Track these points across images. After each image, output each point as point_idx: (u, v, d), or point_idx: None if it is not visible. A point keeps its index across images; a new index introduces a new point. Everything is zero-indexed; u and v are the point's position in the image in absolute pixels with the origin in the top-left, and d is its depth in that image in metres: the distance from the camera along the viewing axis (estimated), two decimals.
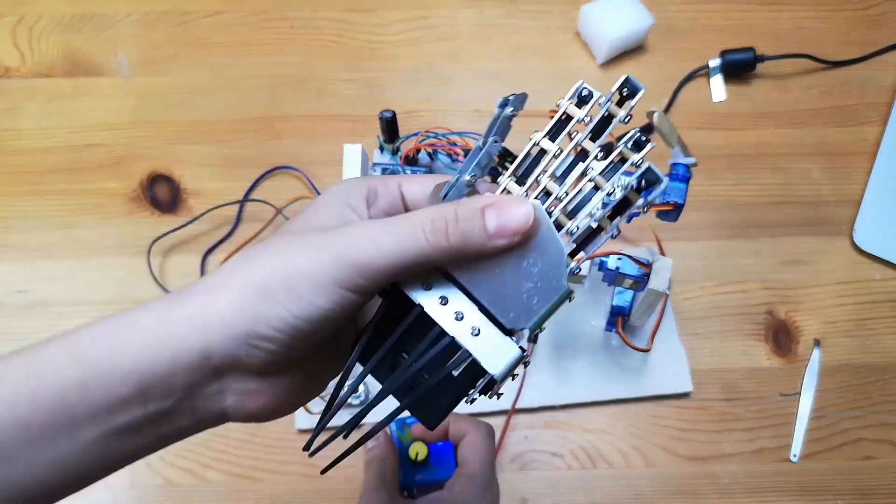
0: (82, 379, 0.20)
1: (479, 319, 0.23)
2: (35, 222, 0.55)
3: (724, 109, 0.61)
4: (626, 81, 0.22)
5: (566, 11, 0.64)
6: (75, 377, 0.20)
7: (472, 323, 0.23)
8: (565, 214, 0.23)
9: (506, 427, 0.49)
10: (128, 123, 0.59)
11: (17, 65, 0.61)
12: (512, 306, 0.23)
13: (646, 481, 0.48)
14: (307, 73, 0.61)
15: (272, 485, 0.48)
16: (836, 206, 0.57)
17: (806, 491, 0.49)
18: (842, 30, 0.64)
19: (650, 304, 0.44)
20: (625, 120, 0.23)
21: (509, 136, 0.26)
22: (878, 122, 0.60)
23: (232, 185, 0.56)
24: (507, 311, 0.23)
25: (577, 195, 0.23)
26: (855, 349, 0.52)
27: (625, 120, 0.23)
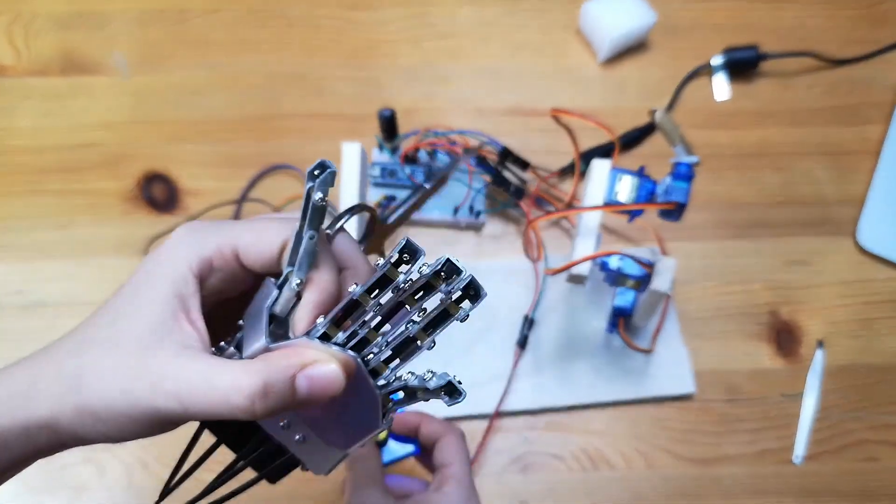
0: None
1: (305, 430, 0.25)
2: (31, 222, 0.55)
3: (726, 108, 0.60)
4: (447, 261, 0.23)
5: (567, 9, 0.63)
6: None
7: (298, 431, 0.25)
8: (383, 361, 0.24)
9: (487, 431, 0.48)
10: (124, 122, 0.58)
11: (12, 63, 0.60)
12: (330, 430, 0.25)
13: (647, 483, 0.48)
14: (305, 71, 0.60)
15: (269, 486, 0.47)
16: (839, 205, 0.57)
17: (809, 493, 0.48)
18: (846, 28, 0.63)
19: (652, 305, 0.44)
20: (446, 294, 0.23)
21: (507, 136, 0.26)
22: (881, 120, 0.60)
23: (229, 185, 0.56)
24: (326, 432, 0.25)
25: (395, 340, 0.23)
26: (858, 350, 0.52)
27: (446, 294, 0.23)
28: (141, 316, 0.22)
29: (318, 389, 0.22)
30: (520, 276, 0.53)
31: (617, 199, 0.43)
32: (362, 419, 0.25)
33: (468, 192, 0.54)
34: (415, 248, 0.23)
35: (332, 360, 0.22)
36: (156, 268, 0.23)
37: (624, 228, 0.55)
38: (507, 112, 0.59)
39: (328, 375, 0.22)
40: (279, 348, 0.23)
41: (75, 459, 0.48)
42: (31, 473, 0.48)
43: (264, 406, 0.21)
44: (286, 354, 0.22)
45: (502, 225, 0.56)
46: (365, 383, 0.24)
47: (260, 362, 0.22)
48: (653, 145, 0.58)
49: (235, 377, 0.21)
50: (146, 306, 0.23)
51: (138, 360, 0.22)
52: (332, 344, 0.23)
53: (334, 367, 0.22)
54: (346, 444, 0.26)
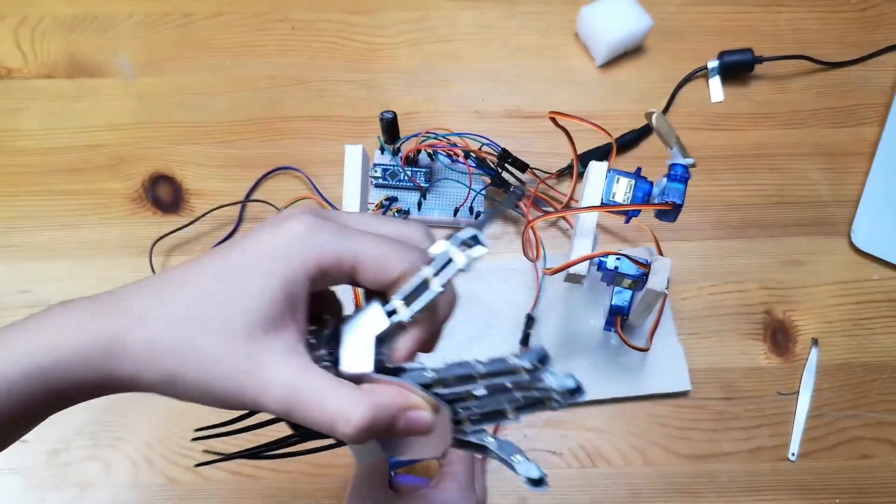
0: None
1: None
2: (37, 223, 0.55)
3: (722, 110, 0.61)
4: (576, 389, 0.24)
5: (565, 13, 0.64)
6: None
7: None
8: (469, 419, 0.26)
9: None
10: (130, 124, 0.59)
11: (19, 66, 0.61)
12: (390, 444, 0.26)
13: (644, 480, 0.49)
14: (308, 74, 0.61)
15: (272, 483, 0.48)
16: (834, 206, 0.57)
17: (804, 489, 0.49)
18: (840, 31, 0.64)
19: (649, 304, 0.45)
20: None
21: (507, 138, 0.27)
22: (875, 122, 0.60)
23: (233, 186, 0.56)
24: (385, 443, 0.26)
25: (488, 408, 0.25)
26: (853, 349, 0.53)
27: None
28: (252, 308, 0.22)
29: (410, 429, 0.24)
30: (519, 276, 0.53)
31: (614, 199, 0.43)
32: (425, 447, 0.26)
33: (468, 193, 0.54)
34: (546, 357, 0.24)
35: (429, 409, 0.24)
36: (271, 260, 0.23)
37: (621, 229, 0.56)
38: (506, 114, 0.60)
39: (422, 422, 0.24)
40: (384, 381, 0.24)
41: (81, 456, 0.48)
42: (36, 470, 0.49)
43: (365, 438, 0.22)
44: (393, 394, 0.24)
45: (502, 225, 0.56)
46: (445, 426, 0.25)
47: (369, 395, 0.23)
48: (649, 147, 0.59)
49: (346, 405, 0.22)
50: (257, 299, 0.22)
51: (249, 353, 0.22)
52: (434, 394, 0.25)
53: (430, 418, 0.24)
54: (397, 455, 0.27)
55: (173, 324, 0.22)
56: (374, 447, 0.27)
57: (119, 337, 0.22)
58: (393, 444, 0.26)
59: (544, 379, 0.24)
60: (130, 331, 0.22)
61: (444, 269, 0.24)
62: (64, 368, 0.22)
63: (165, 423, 0.49)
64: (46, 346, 0.22)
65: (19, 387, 0.22)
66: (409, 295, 0.24)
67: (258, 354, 0.22)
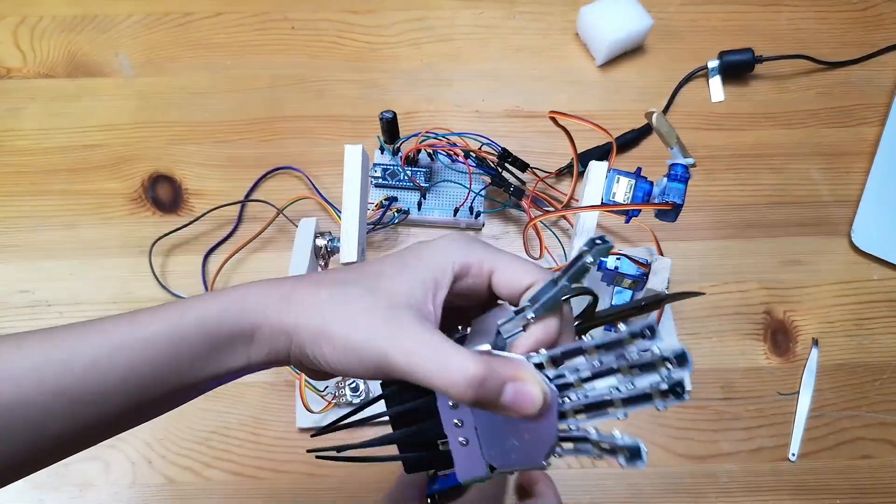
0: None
1: (473, 436, 0.27)
2: (37, 222, 0.55)
3: (722, 110, 0.61)
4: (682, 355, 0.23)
5: (565, 13, 0.64)
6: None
7: (466, 435, 0.27)
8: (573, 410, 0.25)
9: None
10: (129, 124, 0.59)
11: (18, 65, 0.61)
12: (495, 446, 0.27)
13: (645, 480, 0.49)
14: (308, 73, 0.61)
15: (273, 483, 0.48)
16: (834, 206, 0.57)
17: (804, 490, 0.49)
18: (840, 31, 0.64)
19: None
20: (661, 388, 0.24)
21: (507, 137, 0.27)
22: (876, 122, 0.60)
23: (233, 186, 0.56)
24: (489, 446, 0.27)
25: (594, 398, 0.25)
26: (853, 349, 0.53)
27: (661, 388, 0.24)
28: (402, 282, 0.26)
29: (518, 403, 0.25)
30: None
31: (614, 199, 0.43)
32: (529, 450, 0.26)
33: (468, 193, 0.54)
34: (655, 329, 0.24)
35: (538, 385, 0.25)
36: (428, 254, 0.27)
37: (621, 229, 0.56)
38: (506, 114, 0.60)
39: (530, 396, 0.25)
40: (500, 356, 0.25)
41: (80, 456, 0.48)
42: None
43: (474, 395, 0.24)
44: (506, 363, 0.25)
45: (502, 225, 0.56)
46: (550, 420, 0.25)
47: (485, 358, 0.24)
48: (649, 147, 0.59)
49: (465, 360, 0.24)
50: (409, 278, 0.26)
51: (389, 314, 0.25)
52: (543, 375, 0.25)
53: (538, 392, 0.25)
54: (500, 463, 0.27)
55: (330, 284, 0.27)
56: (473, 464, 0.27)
57: (292, 293, 0.27)
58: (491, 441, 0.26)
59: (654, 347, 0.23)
60: (299, 289, 0.27)
61: (571, 269, 0.26)
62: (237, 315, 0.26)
63: (165, 424, 0.49)
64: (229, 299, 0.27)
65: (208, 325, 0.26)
66: (537, 295, 0.26)
67: (397, 317, 0.25)
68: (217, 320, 0.26)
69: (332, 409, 0.49)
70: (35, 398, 0.25)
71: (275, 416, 0.49)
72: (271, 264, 0.54)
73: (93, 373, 0.25)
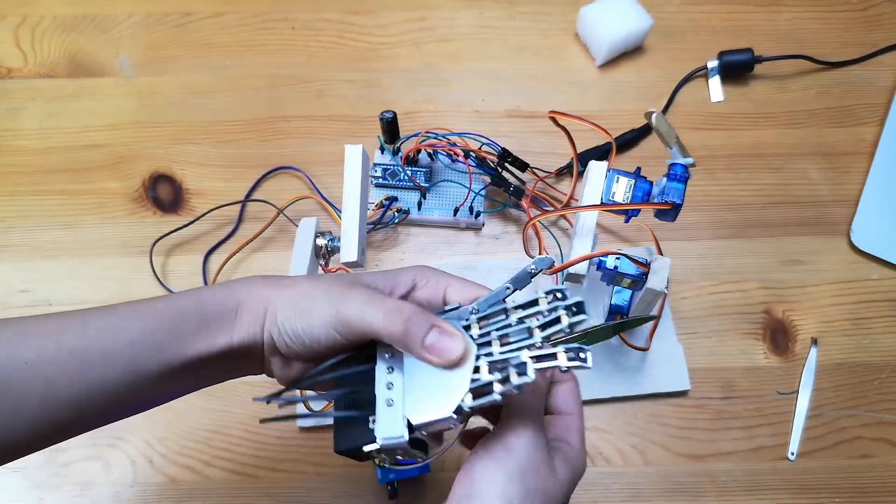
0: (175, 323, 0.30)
1: (399, 397, 0.29)
2: (37, 222, 0.56)
3: (722, 110, 0.61)
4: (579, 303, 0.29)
5: (565, 13, 0.64)
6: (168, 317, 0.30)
7: (393, 396, 0.29)
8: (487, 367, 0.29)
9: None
10: (129, 124, 0.59)
11: (19, 65, 0.61)
12: (413, 401, 0.29)
13: (644, 479, 0.49)
14: (308, 73, 0.61)
15: (272, 482, 0.48)
16: (833, 205, 0.57)
17: (803, 489, 0.49)
18: (839, 31, 0.64)
19: (648, 304, 0.45)
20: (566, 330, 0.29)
21: (506, 137, 0.27)
22: (875, 122, 0.60)
23: (233, 185, 0.57)
24: (410, 402, 0.29)
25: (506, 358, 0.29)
26: (852, 348, 0.53)
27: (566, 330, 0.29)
28: (366, 275, 0.33)
29: (439, 348, 0.28)
30: None
31: (614, 199, 0.44)
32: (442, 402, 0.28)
33: (468, 193, 0.54)
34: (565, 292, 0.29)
35: (459, 335, 0.29)
36: (394, 270, 0.33)
37: (620, 228, 0.56)
38: (506, 114, 0.60)
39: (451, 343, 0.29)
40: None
41: (81, 455, 0.48)
42: (37, 469, 0.49)
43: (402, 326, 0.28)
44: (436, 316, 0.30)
45: (501, 225, 0.56)
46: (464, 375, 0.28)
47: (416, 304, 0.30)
48: (649, 147, 0.59)
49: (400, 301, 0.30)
50: (373, 276, 0.33)
51: (349, 285, 0.31)
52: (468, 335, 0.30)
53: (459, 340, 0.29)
54: (417, 419, 0.28)
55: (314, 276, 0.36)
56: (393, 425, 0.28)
57: (275, 277, 0.32)
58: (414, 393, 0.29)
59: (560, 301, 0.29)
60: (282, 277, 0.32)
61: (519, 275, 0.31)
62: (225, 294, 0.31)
63: (166, 423, 0.49)
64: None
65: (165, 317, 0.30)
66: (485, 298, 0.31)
67: (354, 286, 0.31)
68: (210, 298, 0.31)
69: (332, 409, 0.49)
70: (53, 356, 0.28)
71: (275, 415, 0.49)
72: (272, 264, 0.54)
73: (105, 334, 0.29)
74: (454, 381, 0.28)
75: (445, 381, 0.28)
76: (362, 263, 0.44)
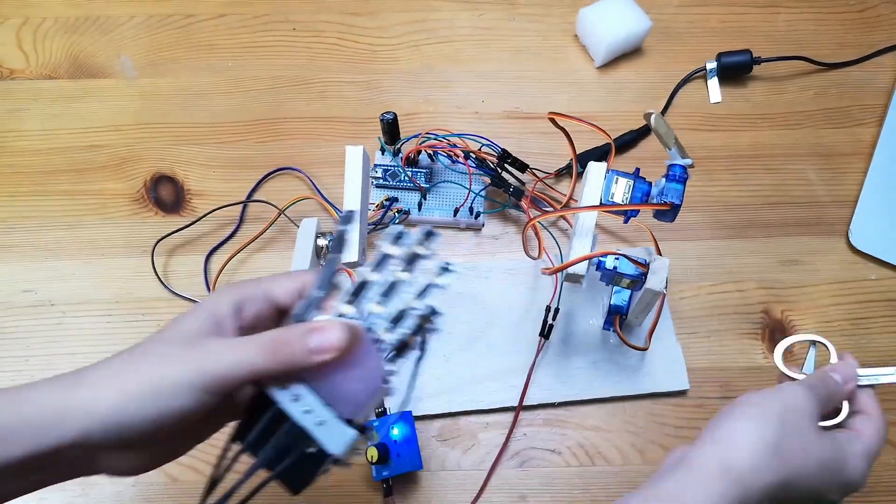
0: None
1: (324, 411, 0.29)
2: (40, 222, 0.56)
3: (720, 111, 0.61)
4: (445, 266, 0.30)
5: (564, 14, 0.64)
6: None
7: (319, 415, 0.29)
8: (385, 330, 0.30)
9: (513, 425, 0.49)
10: (131, 125, 0.59)
11: (21, 66, 0.62)
12: (347, 402, 0.29)
13: (643, 478, 0.49)
14: (309, 75, 0.62)
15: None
16: (832, 206, 0.58)
17: None
18: (837, 32, 0.64)
19: (647, 304, 0.45)
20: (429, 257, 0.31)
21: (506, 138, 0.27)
22: (873, 123, 0.61)
23: (235, 186, 0.57)
24: (339, 404, 0.29)
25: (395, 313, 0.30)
26: (850, 348, 0.53)
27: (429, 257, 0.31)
28: (188, 322, 0.29)
29: (325, 342, 0.28)
30: (519, 276, 0.54)
31: (613, 200, 0.44)
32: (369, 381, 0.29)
33: (468, 193, 0.55)
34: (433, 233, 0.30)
35: (335, 322, 0.28)
36: (194, 309, 0.29)
37: (620, 229, 0.56)
38: (505, 115, 0.60)
39: (334, 332, 0.28)
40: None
41: None
42: None
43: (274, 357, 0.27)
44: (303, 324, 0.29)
45: (501, 225, 0.57)
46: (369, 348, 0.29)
47: (277, 329, 0.28)
48: (648, 148, 0.59)
49: (258, 335, 0.28)
50: (193, 319, 0.29)
51: (190, 345, 0.28)
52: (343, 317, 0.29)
53: (339, 327, 0.28)
54: (354, 410, 0.29)
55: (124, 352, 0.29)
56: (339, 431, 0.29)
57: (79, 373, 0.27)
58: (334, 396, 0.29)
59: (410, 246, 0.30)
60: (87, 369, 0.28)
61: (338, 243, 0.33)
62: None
63: None
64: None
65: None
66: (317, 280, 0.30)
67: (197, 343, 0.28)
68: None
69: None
70: None
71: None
72: (273, 264, 0.55)
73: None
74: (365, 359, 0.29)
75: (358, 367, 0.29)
76: (363, 264, 0.45)
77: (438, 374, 0.50)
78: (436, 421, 0.50)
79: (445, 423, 0.50)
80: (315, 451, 0.29)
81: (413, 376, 0.33)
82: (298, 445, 0.29)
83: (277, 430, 0.29)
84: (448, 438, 0.49)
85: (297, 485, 0.30)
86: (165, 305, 0.53)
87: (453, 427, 0.50)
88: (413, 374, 0.33)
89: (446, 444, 0.49)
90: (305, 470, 0.29)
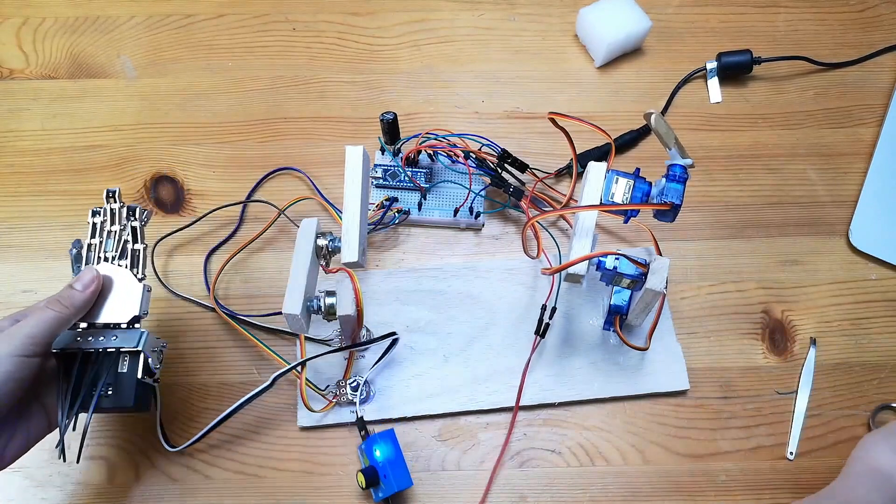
0: None
1: (111, 332, 0.42)
2: (39, 222, 0.56)
3: (720, 111, 0.61)
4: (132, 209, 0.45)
5: (564, 14, 0.64)
6: None
7: (109, 336, 0.42)
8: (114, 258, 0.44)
9: (512, 424, 0.49)
10: (131, 125, 0.59)
11: (21, 66, 0.61)
12: (122, 314, 0.43)
13: (643, 478, 0.49)
14: (309, 75, 0.62)
15: (274, 482, 0.48)
16: (831, 206, 0.58)
17: (802, 488, 0.49)
18: (837, 32, 0.64)
19: (647, 304, 0.45)
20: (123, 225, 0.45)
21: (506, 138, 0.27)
22: (873, 123, 0.61)
23: (235, 186, 0.57)
24: (119, 315, 0.43)
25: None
26: (850, 348, 0.53)
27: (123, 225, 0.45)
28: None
29: (85, 280, 0.42)
30: (518, 275, 0.54)
31: (613, 200, 0.44)
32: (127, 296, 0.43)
33: (468, 193, 0.55)
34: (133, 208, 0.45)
35: (90, 266, 0.43)
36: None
37: (619, 229, 0.56)
38: (505, 115, 0.60)
39: (86, 276, 0.42)
40: None
41: (83, 455, 0.49)
42: (38, 468, 0.49)
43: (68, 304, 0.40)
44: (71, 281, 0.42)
45: (501, 225, 0.57)
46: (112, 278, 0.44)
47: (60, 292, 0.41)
48: (648, 148, 0.59)
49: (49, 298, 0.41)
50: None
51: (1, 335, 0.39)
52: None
53: (88, 268, 0.43)
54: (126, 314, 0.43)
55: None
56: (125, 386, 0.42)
57: None
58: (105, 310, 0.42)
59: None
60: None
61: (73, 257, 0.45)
62: None
63: (167, 422, 0.49)
64: None
65: None
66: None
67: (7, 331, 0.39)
68: None
69: (333, 408, 0.49)
70: None
71: (276, 415, 0.50)
72: (273, 264, 0.55)
73: None
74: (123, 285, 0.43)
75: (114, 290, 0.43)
76: (363, 264, 0.44)
77: (438, 374, 0.50)
78: (436, 421, 0.50)
79: (445, 423, 0.50)
80: (127, 359, 0.42)
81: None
82: (112, 367, 0.41)
83: (89, 371, 0.41)
84: (448, 438, 0.49)
85: (126, 400, 0.41)
86: (165, 305, 0.53)
87: (453, 427, 0.50)
88: None
89: (446, 444, 0.49)
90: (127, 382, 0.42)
